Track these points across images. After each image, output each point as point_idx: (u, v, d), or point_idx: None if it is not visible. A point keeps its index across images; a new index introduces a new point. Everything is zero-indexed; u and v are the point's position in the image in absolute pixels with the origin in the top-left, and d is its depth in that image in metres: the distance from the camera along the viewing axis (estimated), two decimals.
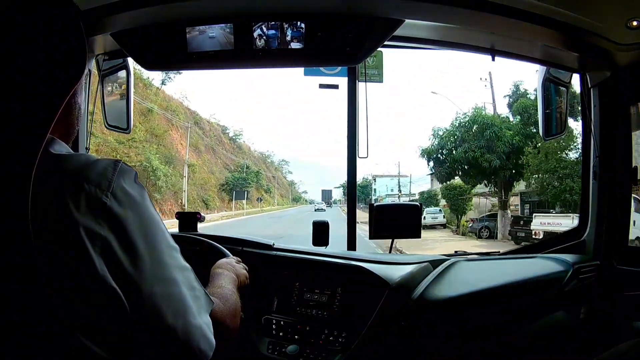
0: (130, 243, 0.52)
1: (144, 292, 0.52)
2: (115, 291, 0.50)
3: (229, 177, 31.36)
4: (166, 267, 0.56)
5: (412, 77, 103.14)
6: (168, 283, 0.55)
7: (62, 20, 0.54)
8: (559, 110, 1.53)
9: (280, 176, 59.53)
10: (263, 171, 46.25)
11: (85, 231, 0.49)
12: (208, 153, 31.90)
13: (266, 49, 1.23)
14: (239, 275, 0.89)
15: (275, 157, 59.21)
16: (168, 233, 0.58)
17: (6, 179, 0.47)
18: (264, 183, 41.82)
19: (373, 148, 3.02)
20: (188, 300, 0.57)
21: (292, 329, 1.20)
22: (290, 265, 1.32)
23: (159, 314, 0.53)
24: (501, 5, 1.12)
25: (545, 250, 1.51)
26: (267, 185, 43.55)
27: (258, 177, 38.81)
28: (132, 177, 0.55)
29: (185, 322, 0.56)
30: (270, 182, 46.97)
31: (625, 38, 1.18)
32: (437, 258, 1.41)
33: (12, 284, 0.47)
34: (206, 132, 33.78)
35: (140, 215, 0.54)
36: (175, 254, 0.58)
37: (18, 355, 0.48)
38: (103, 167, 0.52)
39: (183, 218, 1.39)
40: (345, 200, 50.95)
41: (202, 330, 0.58)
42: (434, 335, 1.17)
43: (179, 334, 0.55)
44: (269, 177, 48.52)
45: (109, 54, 1.46)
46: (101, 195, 0.50)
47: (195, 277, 0.62)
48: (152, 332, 0.54)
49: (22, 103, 0.50)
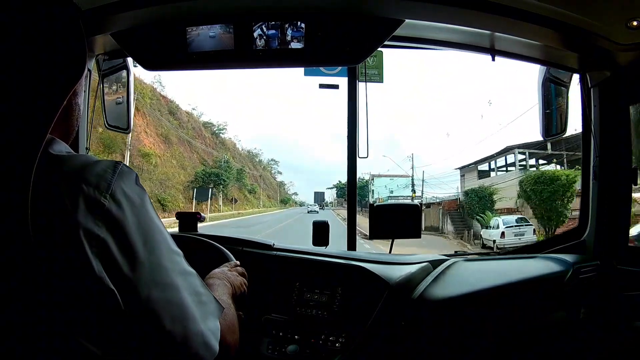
0: (128, 246, 0.51)
1: (142, 295, 0.51)
2: (113, 293, 0.49)
3: (198, 172, 27.35)
4: (166, 272, 0.55)
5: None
6: (167, 288, 0.54)
7: (62, 20, 0.54)
8: (559, 110, 1.53)
9: (268, 176, 56.51)
10: (249, 170, 42.88)
11: (84, 232, 0.48)
12: (182, 146, 28.83)
13: (266, 49, 1.23)
14: (233, 284, 0.85)
15: (264, 155, 56.54)
16: (170, 237, 0.57)
17: (6, 179, 0.47)
18: (247, 182, 38.88)
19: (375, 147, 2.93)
20: (189, 305, 0.56)
21: (292, 329, 1.20)
22: (290, 265, 1.32)
23: (157, 318, 0.52)
24: (501, 5, 1.12)
25: (545, 250, 1.51)
26: (251, 185, 40.72)
27: (241, 175, 35.79)
28: (132, 179, 0.55)
29: (185, 328, 0.54)
30: (256, 181, 44.09)
31: (625, 38, 1.18)
32: (437, 258, 1.41)
33: (12, 284, 0.47)
34: (183, 123, 31.32)
35: (139, 218, 0.53)
36: (177, 258, 0.58)
37: (18, 355, 0.48)
38: (102, 168, 0.52)
39: (183, 218, 1.39)
40: (338, 203, 48.53)
41: (204, 336, 0.56)
42: (434, 335, 1.17)
43: (178, 340, 0.54)
44: (255, 177, 45.36)
45: (109, 54, 1.46)
46: (100, 197, 0.50)
47: (202, 282, 0.61)
48: (150, 336, 0.53)
49: (22, 103, 0.50)
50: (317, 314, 1.22)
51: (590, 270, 1.30)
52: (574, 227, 1.55)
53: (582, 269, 1.28)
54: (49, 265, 0.48)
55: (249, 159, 49.01)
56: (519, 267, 1.38)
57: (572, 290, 1.24)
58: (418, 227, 1.57)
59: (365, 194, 34.56)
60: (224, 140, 40.75)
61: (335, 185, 54.83)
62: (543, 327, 1.23)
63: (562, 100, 1.52)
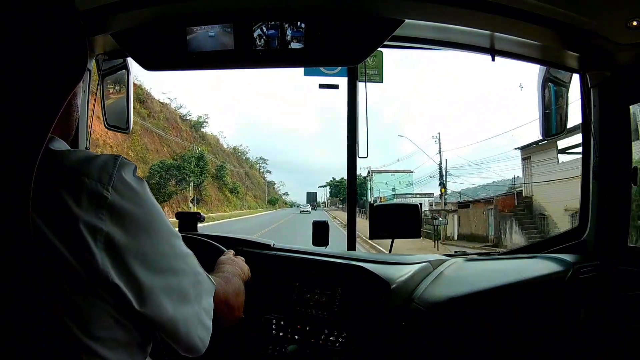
0: (133, 237, 0.52)
1: (145, 285, 0.53)
2: (117, 287, 0.50)
3: (155, 166, 22.15)
4: (167, 258, 0.57)
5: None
6: (168, 273, 0.56)
7: (62, 20, 0.54)
8: (559, 110, 1.53)
9: (256, 175, 52.99)
10: (233, 167, 39.14)
11: (86, 227, 0.49)
12: (148, 137, 25.19)
13: (266, 49, 1.23)
14: (241, 267, 0.92)
15: (251, 153, 52.55)
16: (168, 221, 0.59)
17: (7, 179, 0.47)
18: (228, 180, 34.98)
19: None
20: (187, 288, 0.59)
21: (292, 329, 1.20)
22: (290, 265, 1.32)
23: (161, 305, 0.54)
24: (501, 5, 1.12)
25: (545, 250, 1.51)
26: (233, 184, 36.39)
27: (221, 172, 32.24)
28: (131, 171, 0.55)
29: (184, 310, 0.57)
30: (241, 179, 40.28)
31: (625, 38, 1.18)
32: (437, 258, 1.41)
33: (12, 284, 0.47)
34: (154, 113, 27.65)
35: (142, 208, 0.54)
36: (177, 241, 0.59)
37: (18, 355, 0.48)
38: (103, 161, 0.53)
39: (183, 218, 1.39)
40: (331, 203, 44.82)
41: (199, 315, 0.60)
42: (435, 335, 1.17)
43: (180, 325, 0.57)
44: (240, 175, 41.72)
45: (109, 54, 1.46)
46: (102, 190, 0.51)
47: (198, 262, 0.63)
48: (156, 325, 0.55)
49: (23, 103, 0.50)
50: (317, 313, 1.22)
51: (590, 270, 1.30)
52: (574, 227, 1.55)
53: (582, 269, 1.28)
54: (49, 265, 0.48)
55: (235, 157, 46.05)
56: (519, 267, 1.38)
57: (572, 290, 1.24)
58: (418, 227, 1.57)
59: (364, 193, 30.53)
60: (205, 135, 37.23)
61: (328, 182, 51.37)
62: (543, 327, 1.23)
63: (562, 100, 1.52)
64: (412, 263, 1.30)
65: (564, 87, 1.51)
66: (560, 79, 1.51)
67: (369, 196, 30.48)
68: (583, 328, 1.29)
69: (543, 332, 1.23)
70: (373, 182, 32.56)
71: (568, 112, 1.51)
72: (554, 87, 1.53)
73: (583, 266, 1.29)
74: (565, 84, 1.51)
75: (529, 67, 1.50)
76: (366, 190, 31.43)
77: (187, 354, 0.61)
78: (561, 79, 1.51)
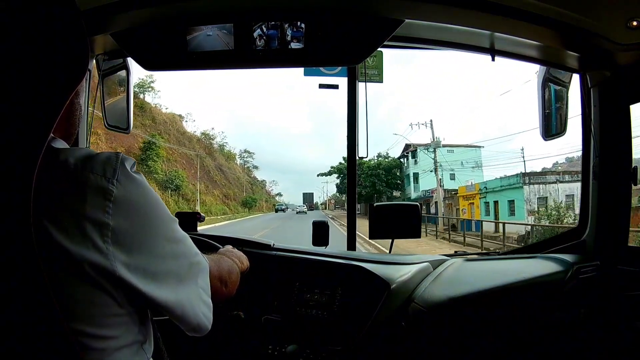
0: (139, 226, 0.54)
1: (152, 270, 0.54)
2: (123, 280, 0.51)
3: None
4: (169, 244, 0.58)
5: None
6: (172, 257, 0.58)
7: (62, 20, 0.54)
8: (559, 110, 1.53)
9: (236, 169, 43.04)
10: (204, 155, 29.44)
11: (93, 223, 0.49)
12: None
13: (266, 49, 1.23)
14: (239, 257, 0.94)
15: (234, 144, 42.76)
16: (167, 207, 0.61)
17: (7, 179, 0.47)
18: (158, 169, 24.51)
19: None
20: (188, 268, 0.60)
21: (292, 329, 1.20)
22: (290, 265, 1.32)
23: (168, 288, 0.56)
24: (501, 5, 1.12)
25: (545, 250, 1.51)
26: (175, 175, 25.78)
27: (149, 153, 22.07)
28: (132, 165, 0.56)
29: (189, 291, 0.60)
30: (191, 165, 29.72)
31: (625, 38, 1.18)
32: (437, 258, 1.41)
33: (12, 284, 0.47)
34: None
35: (146, 198, 0.55)
36: (175, 225, 0.61)
37: (18, 355, 0.48)
38: (106, 157, 0.54)
39: (183, 218, 1.39)
40: (336, 203, 42.36)
41: (200, 294, 0.62)
42: (434, 335, 1.17)
43: (186, 304, 0.58)
44: (207, 168, 32.56)
45: (109, 54, 1.46)
46: (107, 184, 0.51)
47: (193, 242, 0.65)
48: (164, 308, 0.56)
49: (24, 103, 0.50)
50: (317, 314, 1.22)
51: (590, 270, 1.30)
52: (574, 227, 1.55)
53: (582, 269, 1.28)
54: (53, 264, 0.48)
55: (202, 144, 36.49)
56: (519, 267, 1.38)
57: (572, 290, 1.24)
58: (418, 227, 1.57)
59: (399, 179, 17.93)
60: (142, 103, 27.78)
61: (333, 168, 33.20)
62: (543, 327, 1.23)
63: (561, 100, 1.52)
64: (412, 263, 1.30)
65: (564, 87, 1.51)
66: (560, 79, 1.51)
67: (412, 190, 18.01)
68: (583, 328, 1.29)
69: (543, 332, 1.23)
70: (416, 163, 20.36)
71: (568, 112, 1.51)
72: (554, 87, 1.53)
73: (583, 266, 1.29)
74: (565, 84, 1.51)
75: (527, 65, 1.49)
76: (402, 177, 18.94)
77: (194, 333, 0.63)
78: (561, 79, 1.51)
